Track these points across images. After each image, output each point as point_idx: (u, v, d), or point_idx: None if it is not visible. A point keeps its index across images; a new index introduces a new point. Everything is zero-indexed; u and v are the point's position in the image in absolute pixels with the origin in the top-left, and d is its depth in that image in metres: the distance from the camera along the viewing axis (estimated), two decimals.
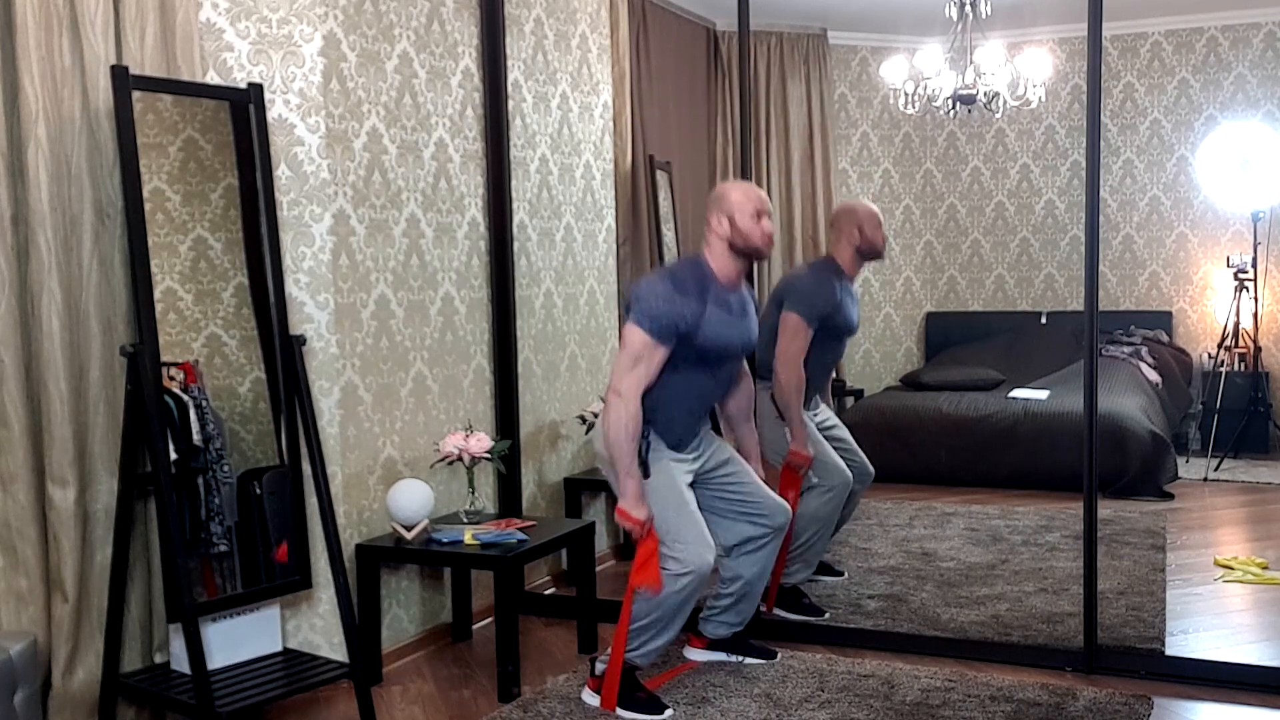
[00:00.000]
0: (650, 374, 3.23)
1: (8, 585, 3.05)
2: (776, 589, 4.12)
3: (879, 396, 6.93)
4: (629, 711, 3.32)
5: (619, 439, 3.20)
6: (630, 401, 3.20)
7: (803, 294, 4.05)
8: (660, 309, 3.19)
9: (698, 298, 3.24)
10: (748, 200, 3.29)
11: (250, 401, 3.35)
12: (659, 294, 3.21)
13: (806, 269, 4.17)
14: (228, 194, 3.31)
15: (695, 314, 3.22)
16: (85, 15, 3.03)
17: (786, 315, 4.03)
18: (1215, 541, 5.11)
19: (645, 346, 3.20)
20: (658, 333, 3.19)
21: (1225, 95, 7.44)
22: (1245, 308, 6.91)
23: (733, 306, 3.35)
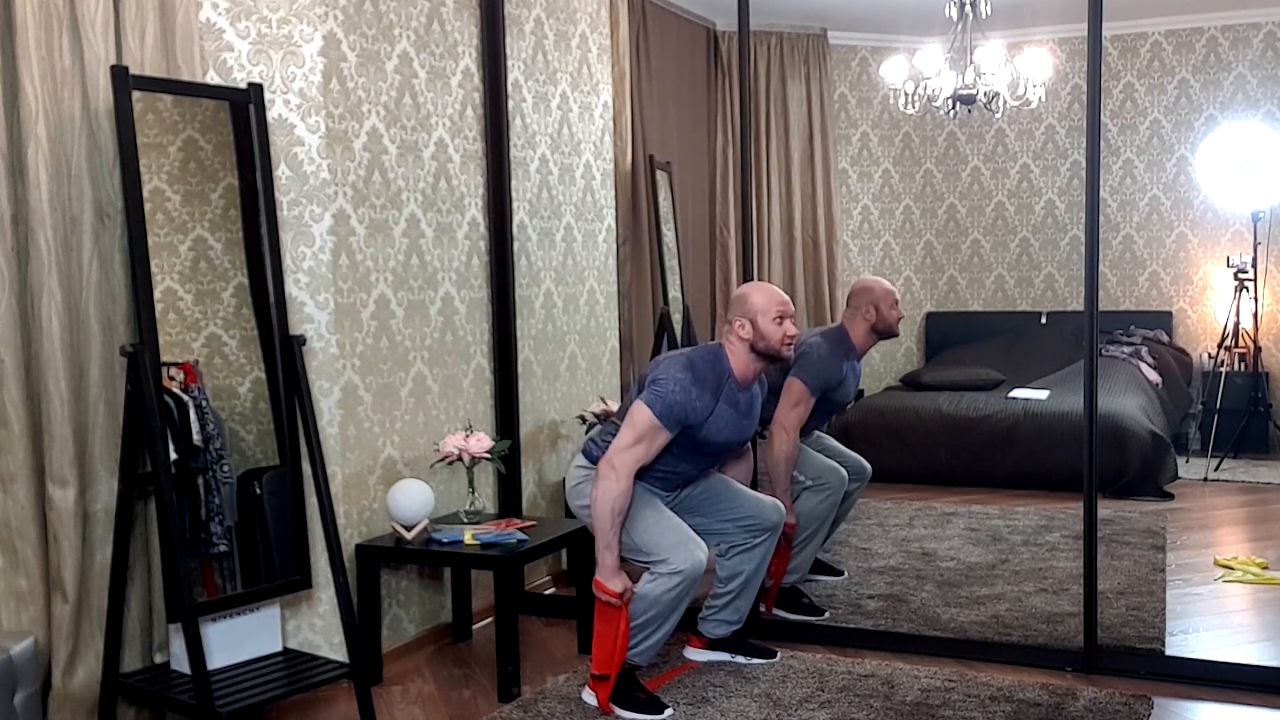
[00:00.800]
0: (649, 455, 3.27)
1: (8, 585, 3.05)
2: (776, 590, 4.12)
3: (879, 396, 6.93)
4: (628, 711, 3.32)
5: (604, 512, 3.21)
6: (623, 478, 3.21)
7: (813, 365, 4.04)
8: (675, 398, 3.23)
9: (712, 394, 3.29)
10: (770, 304, 3.32)
11: (250, 401, 3.35)
12: (677, 382, 3.24)
13: (822, 338, 4.13)
14: (228, 194, 3.31)
15: (706, 410, 3.28)
16: (85, 15, 3.03)
17: (792, 381, 4.02)
18: (1215, 541, 5.11)
19: (650, 428, 3.24)
20: (666, 419, 3.24)
21: (1225, 95, 7.44)
22: (1245, 308, 6.91)
23: (741, 405, 3.40)
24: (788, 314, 3.34)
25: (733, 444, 3.47)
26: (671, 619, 3.35)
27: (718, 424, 3.33)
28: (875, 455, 6.35)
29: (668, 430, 3.25)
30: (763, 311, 3.31)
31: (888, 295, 4.15)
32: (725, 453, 3.54)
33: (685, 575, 3.26)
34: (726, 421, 3.35)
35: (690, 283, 6.25)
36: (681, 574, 3.26)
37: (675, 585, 3.27)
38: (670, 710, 3.34)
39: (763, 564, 3.63)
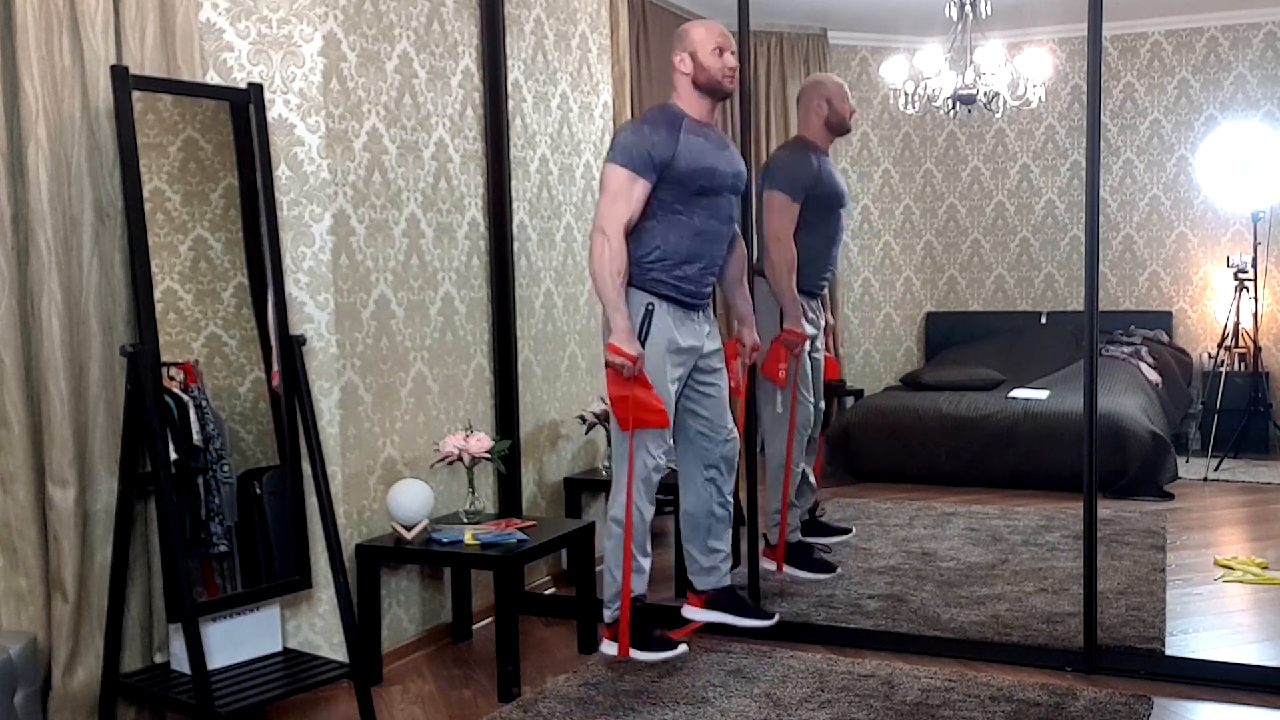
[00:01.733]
0: (632, 209, 3.25)
1: (8, 585, 3.05)
2: (782, 547, 4.08)
3: (879, 396, 6.93)
4: (643, 652, 3.37)
5: (603, 275, 3.23)
6: (613, 238, 3.22)
7: (778, 171, 4.06)
8: (631, 141, 3.25)
9: (669, 129, 3.28)
10: (710, 36, 3.33)
11: (250, 401, 3.35)
12: (628, 130, 3.31)
13: (780, 150, 4.20)
14: (228, 194, 3.31)
15: (667, 142, 3.25)
16: (85, 15, 3.03)
17: (769, 195, 4.02)
18: (1215, 541, 5.11)
19: (623, 182, 3.24)
20: (632, 165, 3.23)
21: (1225, 95, 7.44)
22: (1245, 308, 6.91)
23: (710, 137, 3.37)
24: (727, 47, 3.33)
25: (723, 175, 3.36)
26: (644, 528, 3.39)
27: (691, 152, 3.28)
28: (875, 455, 6.43)
29: (641, 176, 3.23)
30: (701, 44, 3.32)
31: (838, 89, 4.17)
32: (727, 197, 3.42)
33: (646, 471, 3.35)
34: (700, 148, 3.30)
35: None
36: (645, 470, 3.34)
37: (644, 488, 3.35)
38: (684, 646, 3.43)
39: (721, 504, 3.55)
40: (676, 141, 3.26)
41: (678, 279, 3.33)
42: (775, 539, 4.13)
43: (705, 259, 3.39)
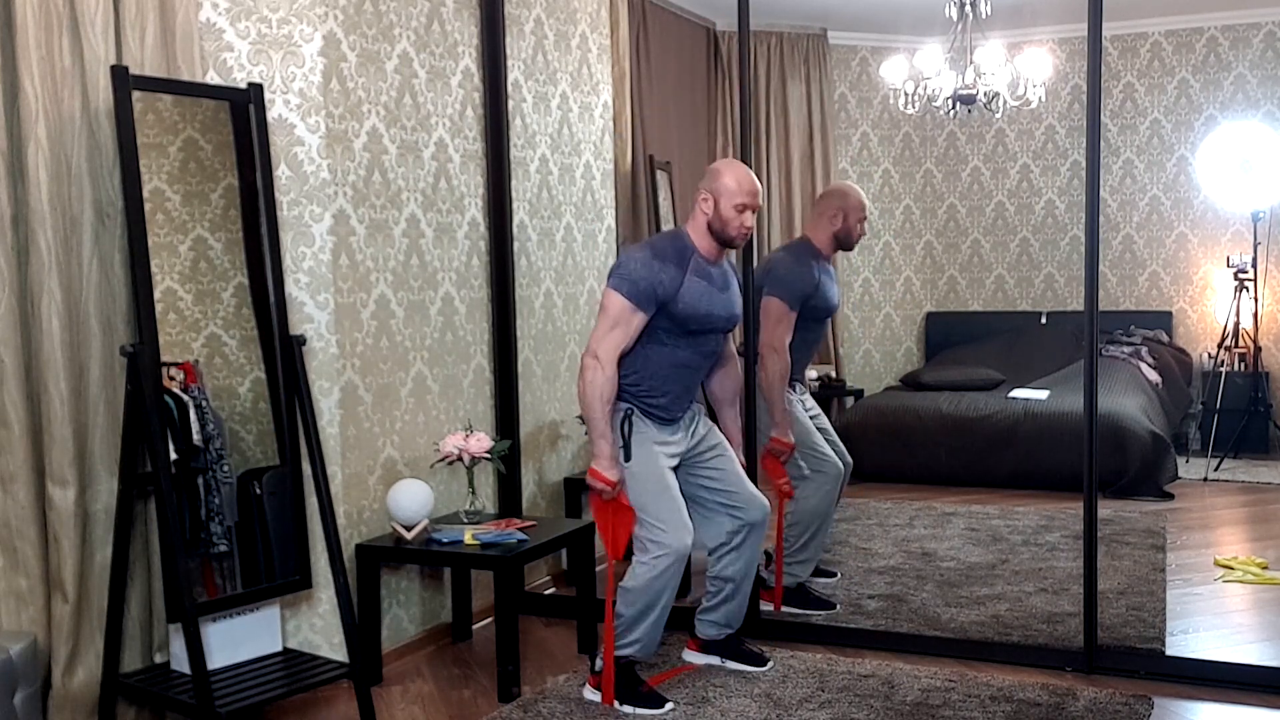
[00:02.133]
0: (627, 339, 3.27)
1: (8, 585, 3.05)
2: (780, 589, 4.12)
3: (879, 396, 6.93)
4: (630, 706, 3.34)
5: (592, 401, 3.25)
6: (606, 365, 3.25)
7: (782, 278, 4.05)
8: (639, 274, 3.24)
9: (676, 265, 3.29)
10: (739, 191, 3.31)
11: (250, 401, 3.35)
12: (638, 260, 3.28)
13: (784, 251, 4.19)
14: (228, 194, 3.31)
15: (674, 281, 3.27)
16: (85, 15, 3.03)
17: (768, 301, 4.02)
18: (1215, 541, 5.11)
19: (623, 311, 3.25)
20: (635, 297, 3.24)
21: (1225, 95, 7.44)
22: (1245, 308, 6.91)
23: (714, 278, 3.38)
24: (752, 206, 3.33)
25: (717, 319, 3.39)
26: (660, 604, 3.34)
27: (692, 295, 3.29)
28: (875, 455, 6.43)
29: (641, 310, 3.25)
30: (728, 194, 3.31)
31: (858, 206, 4.16)
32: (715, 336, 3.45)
33: (672, 552, 3.28)
34: (701, 292, 3.32)
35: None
36: (667, 554, 3.28)
37: (661, 571, 3.29)
38: (671, 705, 3.35)
39: (749, 568, 3.58)
40: (681, 281, 3.28)
41: (648, 404, 3.37)
42: (774, 582, 4.16)
43: (678, 390, 3.41)
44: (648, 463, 3.34)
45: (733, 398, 3.70)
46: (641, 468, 3.34)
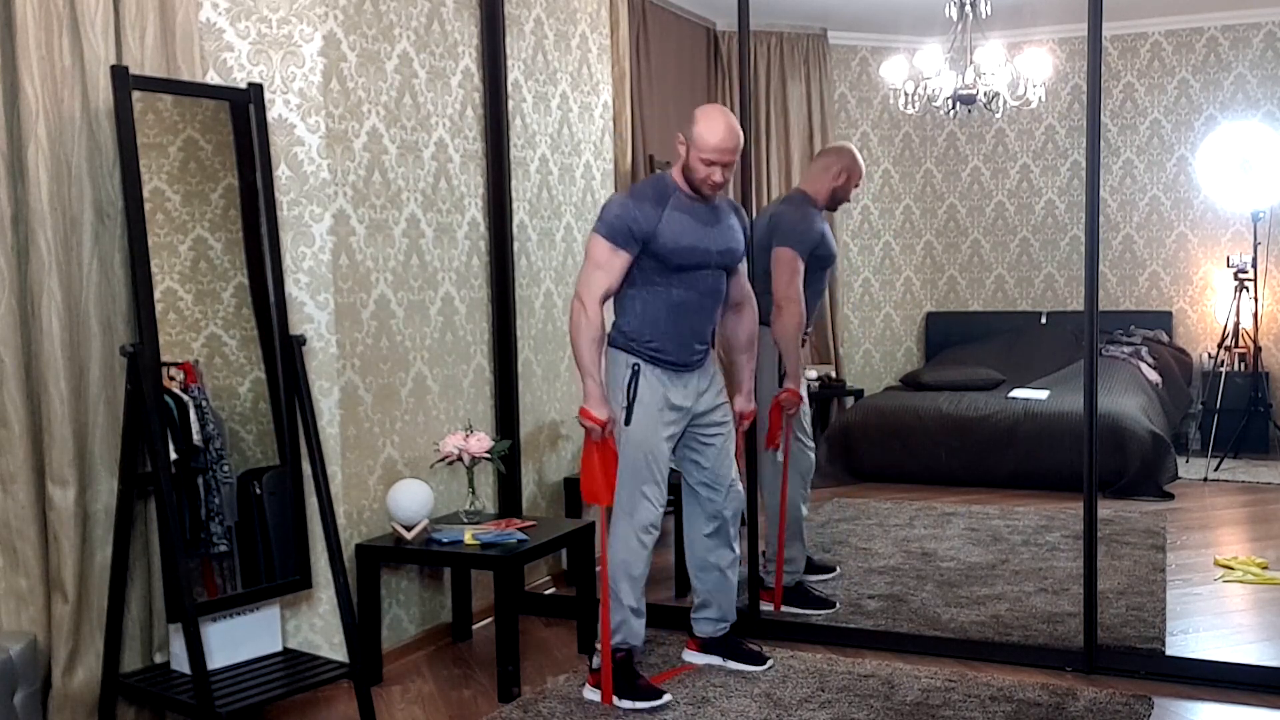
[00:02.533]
0: (611, 280, 3.31)
1: (8, 585, 3.05)
2: (780, 589, 4.12)
3: (879, 396, 6.93)
4: (627, 701, 3.35)
5: (578, 342, 3.30)
6: (589, 307, 3.28)
7: (790, 229, 4.08)
8: (614, 214, 3.29)
9: (654, 204, 3.31)
10: (707, 147, 3.27)
11: (250, 401, 3.35)
12: (615, 202, 3.34)
13: (784, 205, 4.21)
14: (228, 194, 3.31)
15: (649, 218, 3.28)
16: (85, 15, 3.03)
17: (780, 252, 4.05)
18: (1215, 541, 5.11)
19: (603, 252, 3.30)
20: (612, 237, 3.28)
21: (1225, 95, 7.44)
22: (1245, 308, 6.91)
23: (699, 214, 3.36)
24: (720, 162, 3.28)
25: (705, 254, 3.35)
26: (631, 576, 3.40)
27: (672, 230, 3.29)
28: (875, 455, 6.43)
29: (621, 249, 3.28)
30: (699, 144, 3.28)
31: (860, 170, 4.27)
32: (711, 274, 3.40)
33: (635, 525, 3.38)
34: (684, 227, 3.31)
35: None
36: (632, 523, 3.38)
37: (634, 548, 3.38)
38: (669, 695, 3.39)
39: (731, 556, 3.60)
40: (660, 217, 3.29)
41: (652, 349, 3.38)
42: (772, 582, 4.16)
43: (682, 332, 3.39)
44: (642, 430, 3.37)
45: (746, 344, 3.67)
46: (638, 434, 3.37)
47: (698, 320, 3.42)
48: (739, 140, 3.31)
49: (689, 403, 3.45)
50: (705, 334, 3.47)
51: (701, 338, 3.46)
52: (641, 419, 3.37)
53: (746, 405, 3.70)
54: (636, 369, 3.37)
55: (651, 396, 3.38)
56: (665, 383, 3.40)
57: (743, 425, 3.72)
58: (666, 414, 3.40)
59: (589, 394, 3.33)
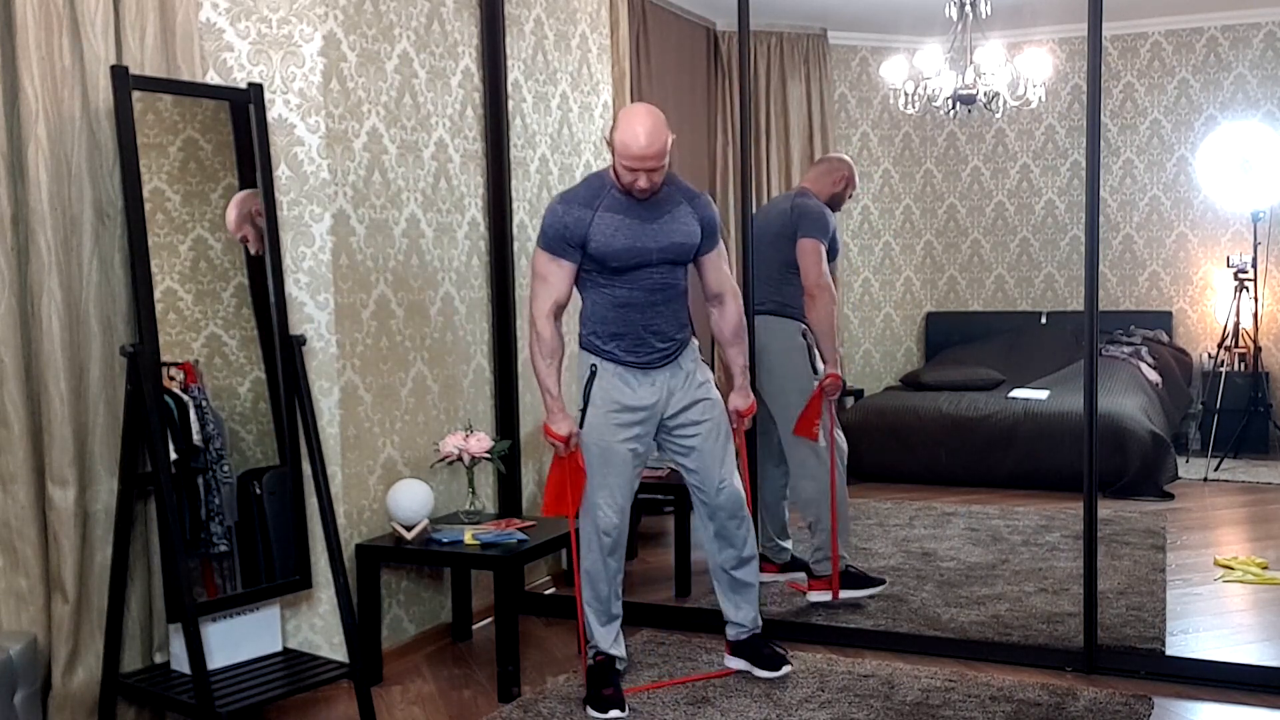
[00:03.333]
0: (558, 291, 3.30)
1: (8, 585, 3.05)
2: (837, 575, 4.16)
3: (879, 396, 6.93)
4: (591, 709, 3.34)
5: (533, 360, 3.35)
6: (539, 325, 3.31)
7: (815, 220, 4.16)
8: (547, 223, 3.28)
9: (584, 205, 3.27)
10: (629, 155, 3.15)
11: (250, 401, 3.35)
12: (548, 211, 3.32)
13: (801, 198, 4.26)
14: (228, 194, 3.31)
15: (579, 221, 3.24)
16: (85, 15, 3.03)
17: (806, 243, 4.12)
18: (1215, 541, 5.11)
19: (544, 264, 3.30)
20: (549, 247, 3.28)
21: (1225, 95, 7.44)
22: (1245, 308, 6.91)
23: (638, 211, 3.27)
24: (644, 169, 3.16)
25: (642, 253, 3.26)
26: (596, 581, 3.43)
27: (604, 232, 3.23)
28: (875, 455, 6.43)
29: (559, 257, 3.27)
30: (618, 154, 3.18)
31: (856, 184, 4.43)
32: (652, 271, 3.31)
33: (594, 529, 3.40)
34: (616, 227, 3.24)
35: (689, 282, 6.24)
36: (591, 526, 3.40)
37: (586, 540, 3.41)
38: (617, 712, 3.27)
39: (739, 557, 3.54)
40: (590, 220, 3.24)
41: (609, 349, 3.37)
42: (823, 570, 4.18)
43: (631, 331, 3.34)
44: (595, 432, 3.37)
45: (733, 336, 3.55)
46: (589, 436, 3.38)
47: (650, 318, 3.35)
48: (661, 144, 3.16)
49: (651, 401, 3.38)
50: (665, 331, 3.38)
51: (661, 335, 3.37)
52: (593, 421, 3.37)
53: (741, 402, 3.56)
54: (594, 370, 3.38)
55: (604, 398, 3.36)
56: (626, 382, 3.37)
57: (741, 424, 3.60)
58: (621, 415, 3.36)
59: (548, 410, 3.36)
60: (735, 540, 3.53)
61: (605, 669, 3.44)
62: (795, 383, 4.14)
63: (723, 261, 3.49)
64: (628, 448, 3.38)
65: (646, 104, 3.24)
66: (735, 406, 3.57)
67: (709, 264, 3.46)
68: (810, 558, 4.23)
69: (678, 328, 3.42)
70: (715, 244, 3.46)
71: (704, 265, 3.46)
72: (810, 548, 4.23)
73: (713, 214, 3.44)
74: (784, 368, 4.15)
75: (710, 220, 3.42)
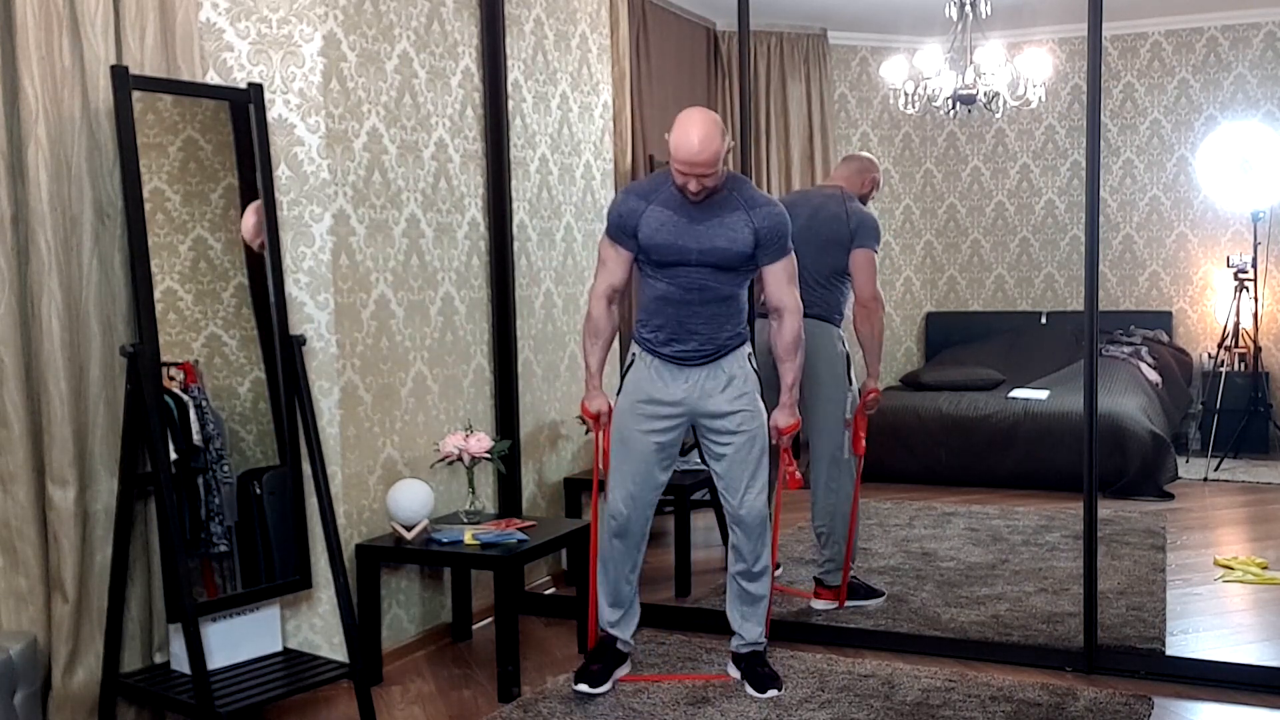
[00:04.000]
0: (614, 276, 3.43)
1: (8, 585, 3.05)
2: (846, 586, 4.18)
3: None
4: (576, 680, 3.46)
5: (583, 339, 3.53)
6: (593, 303, 3.46)
7: (874, 231, 4.17)
8: (611, 210, 3.43)
9: (641, 197, 3.37)
10: (678, 159, 3.19)
11: (250, 401, 3.35)
12: (615, 199, 3.46)
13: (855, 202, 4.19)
14: (228, 194, 3.31)
15: (633, 212, 3.36)
16: (85, 15, 3.03)
17: (865, 254, 4.11)
18: (1215, 541, 5.11)
19: (604, 248, 3.45)
20: (610, 232, 3.42)
21: (1225, 95, 7.44)
22: (1245, 308, 6.91)
23: (685, 210, 3.31)
24: (694, 174, 3.18)
25: (682, 252, 3.30)
26: (605, 567, 3.51)
27: (650, 225, 3.31)
28: (875, 455, 6.39)
29: (617, 243, 3.40)
30: (672, 156, 3.22)
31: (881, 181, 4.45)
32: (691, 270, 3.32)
33: (608, 513, 3.48)
34: (661, 222, 3.31)
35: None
36: (607, 512, 3.49)
37: (602, 527, 3.51)
38: (585, 686, 3.42)
39: (749, 572, 3.49)
40: (643, 211, 3.34)
41: (647, 338, 3.44)
42: (833, 581, 4.18)
43: (669, 324, 3.38)
44: (620, 418, 3.47)
45: (784, 353, 3.46)
46: (616, 420, 3.48)
47: (685, 316, 3.37)
48: (713, 152, 3.16)
49: (680, 397, 3.40)
50: (703, 332, 3.38)
51: (699, 335, 3.38)
52: (621, 407, 3.47)
53: (784, 420, 3.49)
54: (633, 358, 3.46)
55: (634, 388, 3.44)
56: (660, 374, 3.40)
57: (780, 441, 3.52)
58: (647, 407, 3.41)
59: (586, 386, 3.52)
60: (747, 555, 3.49)
61: (603, 647, 3.52)
62: (838, 390, 4.11)
63: (787, 276, 3.42)
64: (650, 440, 3.42)
65: (705, 109, 3.27)
66: (777, 423, 3.50)
67: (769, 276, 3.41)
68: (821, 568, 4.22)
69: (720, 331, 3.40)
70: (777, 257, 3.38)
71: (764, 277, 3.43)
72: (823, 558, 4.21)
73: (774, 226, 3.35)
74: (830, 375, 4.09)
75: (770, 231, 3.34)
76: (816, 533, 4.20)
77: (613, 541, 3.49)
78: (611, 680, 3.48)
